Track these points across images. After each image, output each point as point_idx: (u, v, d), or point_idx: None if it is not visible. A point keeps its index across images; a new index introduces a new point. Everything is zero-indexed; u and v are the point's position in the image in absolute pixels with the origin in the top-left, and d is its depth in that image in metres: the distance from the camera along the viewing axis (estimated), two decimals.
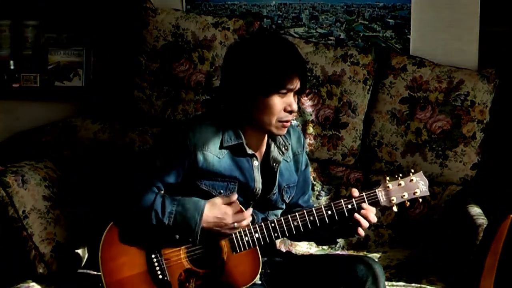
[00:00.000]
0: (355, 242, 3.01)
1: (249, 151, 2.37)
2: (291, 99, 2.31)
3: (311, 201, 2.63)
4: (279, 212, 2.49)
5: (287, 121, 2.33)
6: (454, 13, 3.16)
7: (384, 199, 2.34)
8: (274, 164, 2.42)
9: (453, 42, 3.17)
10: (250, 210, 2.32)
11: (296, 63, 2.31)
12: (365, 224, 2.30)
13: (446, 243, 2.85)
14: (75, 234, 2.69)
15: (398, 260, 2.88)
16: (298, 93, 2.35)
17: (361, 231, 2.31)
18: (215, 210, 2.28)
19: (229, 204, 2.29)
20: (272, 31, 3.19)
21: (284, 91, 2.29)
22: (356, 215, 2.30)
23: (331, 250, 3.02)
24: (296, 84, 2.30)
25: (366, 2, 3.22)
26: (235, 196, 2.30)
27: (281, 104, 2.30)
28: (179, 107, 3.08)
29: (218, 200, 2.30)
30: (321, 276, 2.37)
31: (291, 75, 2.28)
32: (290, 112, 2.31)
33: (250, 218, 2.31)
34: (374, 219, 2.32)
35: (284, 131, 2.36)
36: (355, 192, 2.34)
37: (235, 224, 2.28)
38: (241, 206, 2.30)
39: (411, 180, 2.36)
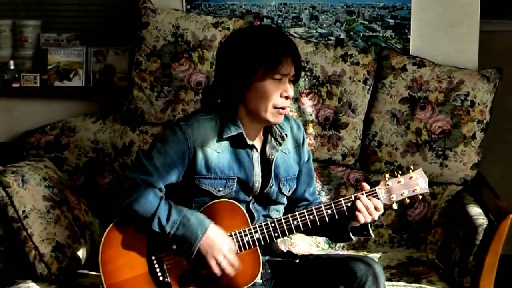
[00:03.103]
0: (355, 242, 3.01)
1: (249, 142, 2.37)
2: (286, 85, 2.32)
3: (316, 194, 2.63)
4: (281, 207, 2.48)
5: (283, 108, 2.33)
6: (454, 13, 3.16)
7: (384, 197, 2.34)
8: (271, 156, 2.42)
9: (453, 42, 3.17)
10: (239, 264, 2.29)
11: (289, 48, 2.33)
12: (366, 214, 2.30)
13: (446, 243, 2.85)
14: (75, 234, 2.69)
15: (398, 260, 2.89)
16: (294, 81, 2.36)
17: (361, 218, 2.29)
18: (217, 233, 2.27)
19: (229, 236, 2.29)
20: (266, 24, 3.19)
21: (279, 76, 2.30)
22: (358, 203, 2.30)
23: (331, 250, 3.02)
24: (291, 70, 2.31)
25: (366, 2, 3.22)
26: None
27: (277, 89, 2.31)
28: (179, 107, 3.08)
29: (221, 229, 2.29)
30: (321, 276, 2.37)
31: (285, 59, 2.29)
32: (286, 97, 2.32)
33: (235, 269, 2.27)
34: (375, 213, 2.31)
35: (281, 118, 2.36)
36: (366, 186, 2.34)
37: (223, 262, 2.25)
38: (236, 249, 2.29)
39: (411, 177, 2.36)
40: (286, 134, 2.44)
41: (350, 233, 2.39)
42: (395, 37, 3.22)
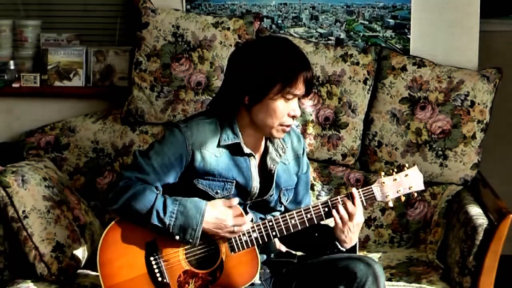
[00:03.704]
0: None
1: (247, 150, 2.37)
2: (295, 104, 2.32)
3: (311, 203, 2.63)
4: (277, 214, 2.48)
5: (288, 126, 2.34)
6: (454, 13, 3.16)
7: (380, 194, 2.36)
8: (272, 166, 2.42)
9: (453, 42, 3.17)
10: (250, 215, 2.32)
11: (308, 71, 2.31)
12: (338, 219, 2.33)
13: (446, 243, 2.85)
14: (75, 234, 2.69)
15: (398, 260, 2.89)
16: (302, 97, 2.37)
17: (340, 225, 2.32)
18: (215, 211, 2.28)
19: (230, 207, 2.29)
20: (282, 37, 3.14)
21: (291, 96, 2.30)
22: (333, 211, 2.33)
23: None
24: (302, 90, 2.32)
25: (366, 2, 3.22)
26: (236, 201, 2.31)
27: (286, 109, 2.31)
28: (179, 107, 3.08)
29: (219, 202, 2.30)
30: (321, 276, 2.37)
31: (299, 81, 2.29)
32: (293, 117, 2.33)
33: (250, 224, 2.31)
34: (352, 208, 2.33)
35: (283, 135, 2.37)
36: (355, 190, 2.36)
37: (235, 227, 2.28)
38: (241, 210, 2.30)
39: (406, 175, 2.37)
40: (287, 147, 2.45)
41: (338, 244, 2.39)
42: (395, 37, 3.22)
